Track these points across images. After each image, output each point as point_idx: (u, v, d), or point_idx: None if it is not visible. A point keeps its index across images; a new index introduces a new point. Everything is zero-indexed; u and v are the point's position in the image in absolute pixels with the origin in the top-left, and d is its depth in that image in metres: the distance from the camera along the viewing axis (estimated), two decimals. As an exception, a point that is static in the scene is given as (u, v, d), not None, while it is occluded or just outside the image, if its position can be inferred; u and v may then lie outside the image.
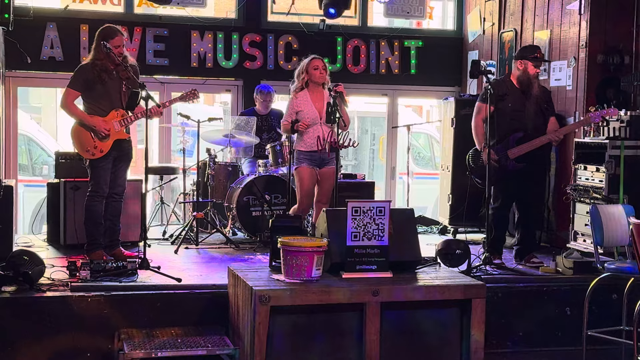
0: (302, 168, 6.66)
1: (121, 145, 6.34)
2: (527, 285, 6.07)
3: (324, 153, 6.61)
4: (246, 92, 9.08)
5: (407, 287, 5.03)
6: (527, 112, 6.59)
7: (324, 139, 6.55)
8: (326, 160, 6.67)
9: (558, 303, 6.01)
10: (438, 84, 9.85)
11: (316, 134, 6.60)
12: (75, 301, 5.26)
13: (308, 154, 6.65)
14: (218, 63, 9.11)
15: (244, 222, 7.57)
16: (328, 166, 6.66)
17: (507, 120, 6.52)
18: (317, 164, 6.65)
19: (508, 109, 6.53)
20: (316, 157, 6.64)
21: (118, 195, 6.43)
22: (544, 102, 6.69)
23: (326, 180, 6.69)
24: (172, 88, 8.99)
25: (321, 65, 6.65)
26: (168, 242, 7.53)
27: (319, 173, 6.70)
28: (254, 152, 8.14)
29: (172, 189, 9.56)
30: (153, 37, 8.92)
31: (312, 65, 6.64)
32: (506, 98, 6.54)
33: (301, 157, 6.68)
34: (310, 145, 6.62)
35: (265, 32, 9.25)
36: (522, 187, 6.64)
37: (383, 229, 5.19)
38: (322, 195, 6.75)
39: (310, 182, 6.67)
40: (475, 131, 6.71)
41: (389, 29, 9.75)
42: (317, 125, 6.61)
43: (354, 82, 9.55)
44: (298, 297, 4.81)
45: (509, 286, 6.01)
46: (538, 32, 8.25)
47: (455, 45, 9.81)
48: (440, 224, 8.79)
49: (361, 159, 13.15)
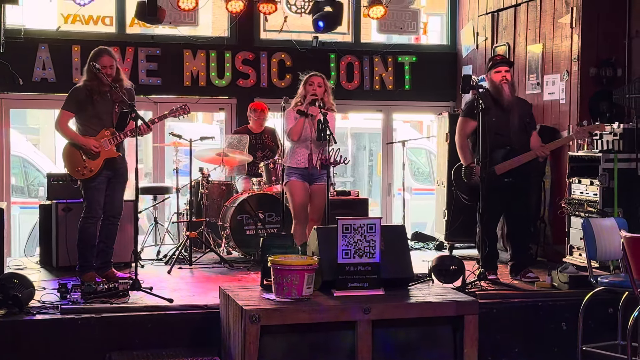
0: (292, 181, 6.69)
1: (113, 165, 6.37)
2: (522, 300, 6.07)
3: (313, 169, 6.63)
4: (240, 110, 9.13)
5: (399, 305, 5.04)
6: (512, 126, 6.61)
7: (315, 157, 6.57)
8: (316, 177, 6.70)
9: (553, 318, 6.01)
10: (432, 99, 9.89)
11: (307, 152, 6.63)
12: (66, 324, 5.26)
13: (298, 170, 6.68)
14: (211, 81, 9.16)
15: (238, 241, 7.59)
16: (318, 183, 6.69)
17: (492, 134, 6.51)
18: (307, 179, 6.67)
19: (492, 123, 6.54)
20: (305, 173, 6.68)
21: (114, 217, 6.46)
22: (526, 115, 6.72)
23: (316, 196, 6.72)
24: (165, 107, 8.91)
25: (317, 82, 6.68)
26: (162, 262, 7.55)
27: (310, 189, 6.73)
28: (248, 170, 8.17)
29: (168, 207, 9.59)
30: (145, 56, 8.98)
31: (308, 81, 6.70)
32: (489, 112, 6.54)
33: (291, 171, 6.72)
34: (299, 162, 6.64)
35: (258, 50, 9.30)
36: (508, 201, 6.65)
37: (374, 246, 5.20)
38: (313, 212, 6.77)
39: (302, 194, 6.69)
40: (461, 147, 6.72)
41: (383, 45, 9.81)
42: (307, 142, 6.64)
43: (348, 99, 9.60)
44: (288, 316, 4.82)
45: (503, 302, 6.01)
46: (531, 45, 8.30)
47: (449, 60, 9.86)
48: (437, 240, 8.80)
49: (359, 175, 13.18)
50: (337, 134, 7.49)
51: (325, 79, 6.78)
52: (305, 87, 6.70)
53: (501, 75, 6.61)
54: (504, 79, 6.60)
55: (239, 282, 6.53)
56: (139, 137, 6.22)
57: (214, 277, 6.84)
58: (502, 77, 6.60)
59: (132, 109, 6.02)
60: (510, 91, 6.63)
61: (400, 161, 9.05)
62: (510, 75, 6.69)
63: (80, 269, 6.38)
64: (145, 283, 6.03)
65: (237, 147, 7.97)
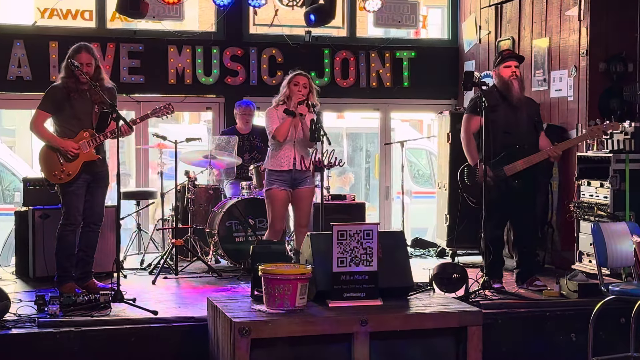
0: (273, 191, 6.66)
1: (93, 169, 6.35)
2: (529, 310, 6.07)
3: (297, 173, 6.63)
4: (228, 110, 9.12)
5: (397, 316, 5.03)
6: (521, 125, 6.61)
7: (300, 160, 6.59)
8: (299, 180, 6.68)
9: (563, 329, 6.00)
10: (433, 97, 9.90)
11: (289, 154, 6.63)
12: (43, 338, 5.24)
13: (279, 174, 6.65)
14: (197, 79, 9.14)
15: (227, 248, 7.57)
16: (302, 186, 6.68)
17: (500, 133, 6.52)
18: (289, 184, 6.67)
19: (501, 121, 6.55)
20: (287, 177, 6.65)
21: (95, 225, 6.44)
22: (534, 114, 6.73)
23: (302, 201, 6.71)
24: (149, 107, 8.84)
25: (302, 82, 6.66)
26: (146, 271, 7.54)
27: (293, 194, 6.70)
28: (237, 174, 8.16)
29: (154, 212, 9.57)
30: (127, 53, 8.95)
31: (293, 81, 6.68)
32: (498, 109, 6.55)
33: (272, 177, 6.69)
34: (281, 165, 6.63)
35: (247, 45, 9.30)
36: (515, 205, 6.65)
37: (371, 253, 5.20)
38: (300, 218, 6.76)
39: (281, 205, 6.67)
40: (467, 146, 6.71)
41: (380, 40, 9.81)
42: (290, 144, 6.64)
43: (343, 97, 9.62)
44: (281, 328, 4.81)
45: (509, 312, 6.00)
46: (536, 40, 8.31)
47: (450, 55, 9.87)
48: (438, 246, 8.80)
49: (356, 178, 13.17)
50: (332, 135, 7.49)
51: (310, 79, 6.76)
52: (289, 86, 6.68)
53: (511, 71, 6.60)
54: (513, 74, 6.60)
55: (228, 293, 6.51)
56: (121, 138, 6.20)
57: (202, 288, 6.82)
58: (511, 72, 6.60)
59: (113, 109, 6.00)
60: (520, 88, 6.63)
61: (399, 163, 9.06)
62: (520, 71, 6.70)
63: (58, 279, 6.35)
64: (128, 294, 6.00)
65: (225, 148, 7.96)
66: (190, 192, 7.83)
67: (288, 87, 6.70)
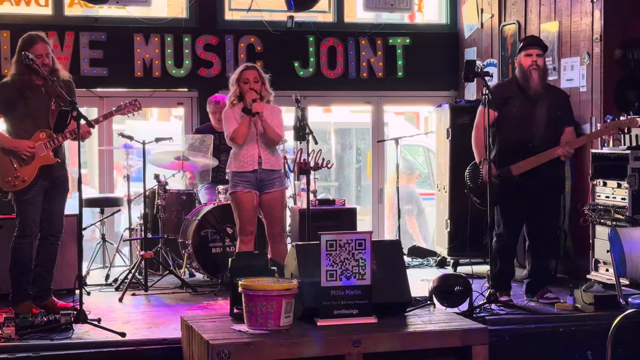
0: (237, 193, 6.70)
1: (51, 174, 6.32)
2: (540, 326, 6.10)
3: (262, 173, 6.66)
4: (202, 105, 9.10)
5: (394, 335, 5.05)
6: (536, 119, 6.63)
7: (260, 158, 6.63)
8: (266, 182, 6.71)
9: (577, 346, 6.04)
10: (430, 88, 9.92)
11: (252, 152, 6.67)
12: (-3, 365, 5.22)
13: (242, 175, 6.69)
14: (167, 71, 9.13)
15: (202, 261, 7.57)
16: (270, 190, 6.71)
17: (511, 128, 6.58)
18: (255, 187, 6.69)
19: (513, 115, 6.59)
20: (252, 178, 6.69)
21: (54, 237, 6.42)
22: (558, 108, 6.73)
23: (271, 208, 6.74)
24: (113, 103, 8.85)
25: (252, 78, 6.69)
26: (112, 287, 7.53)
27: (261, 199, 6.73)
28: (212, 177, 8.15)
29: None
30: (88, 43, 8.93)
31: (242, 78, 6.71)
32: (511, 102, 6.59)
33: (235, 179, 6.73)
34: (246, 165, 6.67)
35: (222, 33, 9.29)
36: (531, 210, 6.67)
37: (364, 265, 5.21)
38: (271, 226, 6.79)
39: (249, 207, 6.70)
40: (475, 142, 6.76)
41: (370, 25, 9.82)
42: (253, 143, 6.67)
43: (330, 89, 9.64)
44: (264, 351, 4.81)
45: (518, 328, 6.04)
46: (545, 24, 8.34)
47: (449, 41, 9.89)
48: (438, 255, 8.82)
49: (345, 180, 13.17)
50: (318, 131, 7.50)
51: (259, 70, 6.81)
52: (239, 84, 6.73)
53: (531, 60, 6.65)
54: (534, 64, 6.64)
55: (204, 311, 6.51)
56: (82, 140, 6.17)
57: (174, 305, 6.82)
58: (532, 61, 6.64)
59: (73, 107, 5.97)
60: (541, 79, 6.67)
61: (394, 162, 9.07)
62: (543, 60, 6.74)
63: (13, 298, 6.32)
64: (92, 314, 5.99)
65: (199, 149, 7.94)
66: (161, 198, 7.81)
67: (237, 85, 6.75)
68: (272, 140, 6.65)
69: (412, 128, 13.53)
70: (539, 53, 6.70)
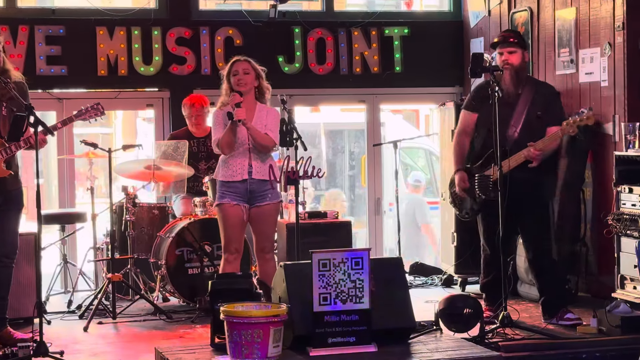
0: (224, 206, 6.72)
1: (3, 188, 6.33)
2: (560, 352, 6.10)
3: (254, 184, 6.68)
4: (175, 107, 9.11)
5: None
6: (512, 121, 6.88)
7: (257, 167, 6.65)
8: (258, 194, 6.73)
9: (603, 374, 6.06)
10: (432, 84, 9.92)
11: (242, 161, 6.69)
12: (-53, 406, 5.21)
13: (230, 185, 6.71)
14: (135, 69, 9.13)
15: (178, 283, 7.57)
16: (261, 203, 6.73)
17: (485, 133, 6.87)
18: (244, 199, 6.71)
19: (488, 119, 6.77)
20: (241, 189, 6.71)
21: (8, 258, 6.43)
22: (538, 106, 6.92)
23: (262, 222, 6.77)
24: (74, 105, 8.91)
25: (242, 69, 6.74)
26: (75, 315, 7.52)
27: (251, 213, 6.75)
28: (188, 188, 8.15)
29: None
30: (45, 38, 8.91)
31: (231, 71, 6.76)
32: (486, 104, 6.75)
33: (222, 189, 6.75)
34: (233, 174, 6.69)
35: (196, 24, 9.29)
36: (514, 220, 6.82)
37: (362, 287, 5.23)
38: (261, 241, 6.82)
39: (236, 222, 6.73)
40: (453, 148, 7.19)
41: (363, 14, 9.85)
42: (244, 150, 6.69)
43: (319, 86, 9.64)
44: (250, 386, 4.83)
45: (536, 355, 6.03)
46: (560, 10, 8.38)
47: (452, 31, 9.92)
48: (444, 273, 8.84)
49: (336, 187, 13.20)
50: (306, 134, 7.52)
51: (252, 62, 6.85)
52: (229, 79, 6.79)
53: (502, 59, 6.96)
54: (504, 63, 6.92)
55: (182, 341, 6.51)
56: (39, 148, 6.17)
57: (147, 334, 6.82)
58: (502, 61, 6.95)
59: (30, 111, 5.97)
60: (513, 79, 6.92)
61: (392, 167, 9.10)
62: (520, 57, 6.96)
63: (-36, 329, 6.32)
64: (53, 346, 5.98)
65: (173, 157, 7.95)
66: (130, 213, 7.81)
67: (227, 81, 6.80)
68: (264, 147, 6.66)
69: (411, 128, 13.57)
70: (511, 50, 6.94)
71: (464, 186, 6.99)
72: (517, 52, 6.92)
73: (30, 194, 7.57)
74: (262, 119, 6.72)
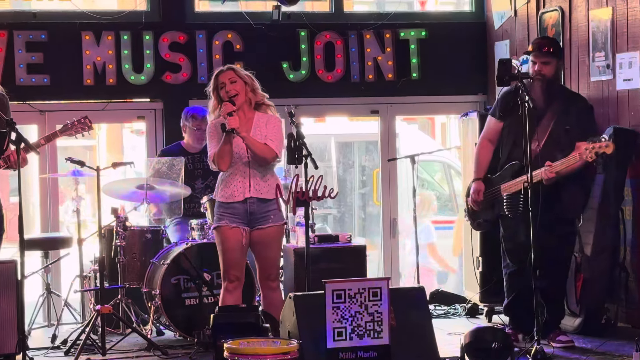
0: (221, 228, 6.75)
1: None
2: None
3: (254, 205, 6.70)
4: (168, 119, 9.13)
5: (420, 407, 5.06)
6: (537, 134, 6.98)
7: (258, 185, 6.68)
8: (259, 216, 6.74)
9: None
10: (453, 92, 9.92)
11: (242, 178, 6.71)
12: None
13: (229, 206, 6.73)
14: (124, 78, 9.15)
15: (174, 315, 7.56)
16: (263, 225, 6.74)
17: (509, 143, 7.18)
18: (244, 220, 6.73)
19: (514, 129, 7.03)
20: (240, 210, 6.72)
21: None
22: (568, 120, 7.06)
23: (265, 246, 6.78)
24: (57, 118, 8.99)
25: (227, 79, 6.76)
26: (60, 351, 7.50)
27: (252, 237, 6.77)
28: (184, 210, 8.15)
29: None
30: (25, 44, 8.93)
31: (218, 84, 6.81)
32: (514, 114, 6.94)
33: (221, 210, 6.78)
34: (233, 194, 6.71)
35: (192, 28, 9.31)
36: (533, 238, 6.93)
37: (381, 321, 5.22)
38: (266, 268, 6.83)
39: (235, 246, 6.74)
40: (474, 156, 7.51)
41: (376, 15, 9.86)
42: (243, 166, 6.71)
43: (327, 96, 9.65)
44: None
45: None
46: (595, 10, 8.37)
47: (475, 33, 9.92)
48: (468, 301, 8.82)
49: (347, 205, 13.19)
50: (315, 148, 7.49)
51: (236, 69, 6.90)
52: (215, 93, 6.84)
53: (534, 69, 7.17)
54: (537, 73, 7.10)
55: (179, 380, 6.52)
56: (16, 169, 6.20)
57: (141, 373, 6.83)
58: (534, 71, 7.15)
59: (11, 127, 5.99)
60: (545, 90, 7.09)
61: (409, 184, 9.10)
62: (554, 68, 7.20)
63: (-62, 369, 6.32)
64: (38, 387, 5.99)
65: (167, 175, 7.94)
66: (120, 238, 7.80)
67: (215, 95, 6.84)
68: (262, 159, 6.66)
69: (428, 140, 13.58)
70: (545, 61, 7.15)
71: (476, 198, 7.35)
72: (552, 62, 7.09)
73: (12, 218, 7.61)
74: (261, 129, 6.73)
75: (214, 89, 6.83)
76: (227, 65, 6.95)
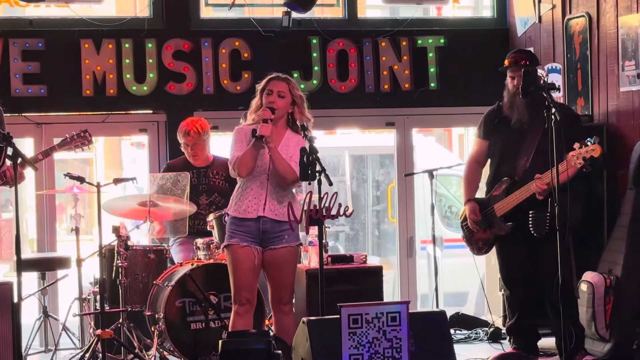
0: (232, 246, 6.76)
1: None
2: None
3: (267, 224, 6.71)
4: (172, 132, 9.12)
5: None
6: (523, 149, 7.23)
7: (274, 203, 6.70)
8: (273, 235, 6.75)
9: None
10: (473, 103, 9.87)
11: (258, 195, 6.73)
12: None
13: (241, 223, 6.74)
14: (125, 88, 9.17)
15: (178, 340, 7.55)
16: (276, 245, 6.75)
17: (496, 161, 7.42)
18: (256, 240, 6.74)
19: (499, 147, 7.35)
20: (253, 229, 6.73)
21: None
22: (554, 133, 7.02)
23: (278, 268, 6.79)
24: (55, 131, 9.02)
25: (277, 89, 6.78)
26: (58, 379, 7.54)
27: (264, 257, 6.78)
28: (190, 228, 8.16)
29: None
30: (21, 53, 8.97)
31: (266, 89, 6.82)
32: (501, 131, 7.28)
33: (232, 227, 6.79)
34: (246, 210, 6.72)
35: (197, 35, 9.34)
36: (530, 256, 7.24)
37: (399, 347, 5.22)
38: (278, 291, 6.83)
39: (246, 266, 6.74)
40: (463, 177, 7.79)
41: (392, 22, 9.88)
42: (261, 180, 6.73)
43: (340, 107, 9.66)
44: None
45: None
46: (624, 16, 8.38)
47: (497, 41, 9.92)
48: (490, 326, 8.81)
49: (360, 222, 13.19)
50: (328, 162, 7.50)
51: (292, 84, 6.90)
52: (262, 96, 6.83)
53: (512, 84, 7.44)
54: (517, 88, 7.28)
55: (185, 409, 6.52)
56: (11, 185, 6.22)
57: (144, 401, 6.84)
58: (513, 86, 7.42)
59: (8, 142, 6.01)
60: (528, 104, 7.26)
61: (425, 198, 9.09)
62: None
63: None
64: (36, 417, 6.01)
65: (172, 191, 7.96)
66: (121, 258, 7.80)
67: (260, 97, 6.84)
68: (283, 178, 6.66)
69: (445, 152, 13.56)
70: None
71: (475, 219, 7.50)
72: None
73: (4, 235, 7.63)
74: (289, 148, 6.73)
75: (261, 89, 6.85)
76: (285, 76, 6.93)
